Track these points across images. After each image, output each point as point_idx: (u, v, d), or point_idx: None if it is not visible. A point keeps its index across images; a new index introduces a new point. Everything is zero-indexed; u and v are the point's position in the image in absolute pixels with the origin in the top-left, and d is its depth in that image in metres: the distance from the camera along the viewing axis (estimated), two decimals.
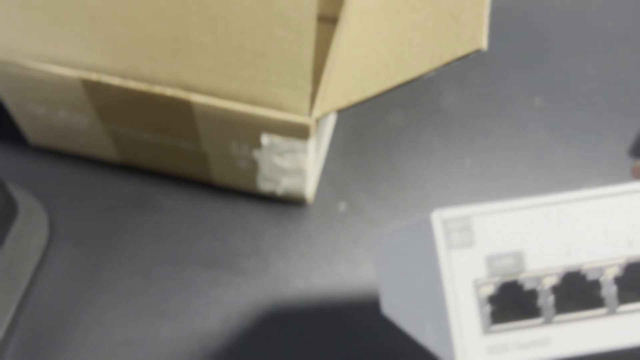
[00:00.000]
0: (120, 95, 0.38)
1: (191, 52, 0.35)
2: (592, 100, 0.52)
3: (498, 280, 0.17)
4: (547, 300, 0.17)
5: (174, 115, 0.39)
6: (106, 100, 0.39)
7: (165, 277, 0.42)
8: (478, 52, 0.32)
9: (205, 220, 0.44)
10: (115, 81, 0.37)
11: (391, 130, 0.49)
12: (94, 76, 0.37)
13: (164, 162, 0.45)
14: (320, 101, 0.37)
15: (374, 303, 0.42)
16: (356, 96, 0.35)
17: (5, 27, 0.37)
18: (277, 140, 0.38)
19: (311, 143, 0.38)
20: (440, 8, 0.36)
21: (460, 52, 0.32)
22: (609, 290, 0.17)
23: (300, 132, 0.37)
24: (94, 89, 0.38)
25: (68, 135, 0.44)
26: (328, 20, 0.43)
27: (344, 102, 0.36)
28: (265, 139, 0.38)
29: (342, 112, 0.49)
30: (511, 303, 0.17)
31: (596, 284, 0.17)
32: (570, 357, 0.17)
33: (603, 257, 0.17)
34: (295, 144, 0.38)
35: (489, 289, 0.17)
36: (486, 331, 0.17)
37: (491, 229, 0.17)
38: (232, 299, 0.41)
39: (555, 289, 0.17)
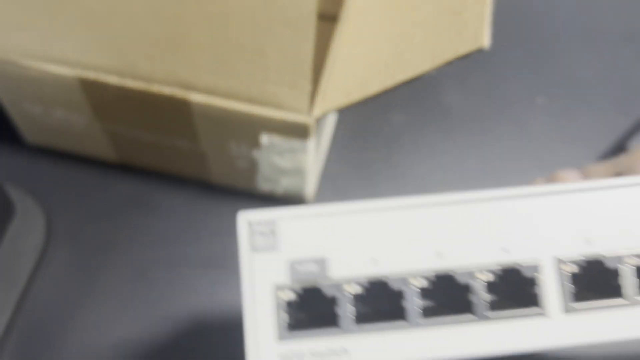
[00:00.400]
0: (118, 94, 0.38)
1: (189, 50, 0.35)
2: (594, 98, 0.52)
3: (299, 286, 0.17)
4: (346, 309, 0.16)
5: (172, 114, 0.38)
6: (103, 99, 0.39)
7: (163, 278, 0.42)
8: (480, 50, 0.31)
9: (203, 220, 0.44)
10: (113, 80, 0.37)
11: (392, 130, 0.49)
12: (91, 75, 0.37)
13: (162, 162, 0.45)
14: (321, 100, 0.37)
15: None
16: (357, 95, 0.35)
17: (1, 25, 0.36)
18: (277, 139, 0.38)
19: (311, 142, 0.38)
20: (442, 6, 0.35)
21: (462, 50, 0.32)
22: (413, 302, 0.16)
23: (300, 132, 0.37)
24: (91, 88, 0.38)
25: (65, 134, 0.44)
26: (328, 18, 0.43)
27: (344, 101, 0.35)
28: (264, 139, 0.38)
29: (342, 111, 0.49)
30: (310, 310, 0.17)
31: (400, 295, 0.16)
32: None
33: (409, 268, 0.16)
34: (295, 143, 0.38)
35: (289, 295, 0.17)
36: (282, 337, 0.16)
37: (296, 234, 0.17)
38: (232, 300, 0.41)
39: (358, 298, 0.17)
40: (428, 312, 0.17)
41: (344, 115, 0.49)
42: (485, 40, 0.31)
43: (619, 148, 0.47)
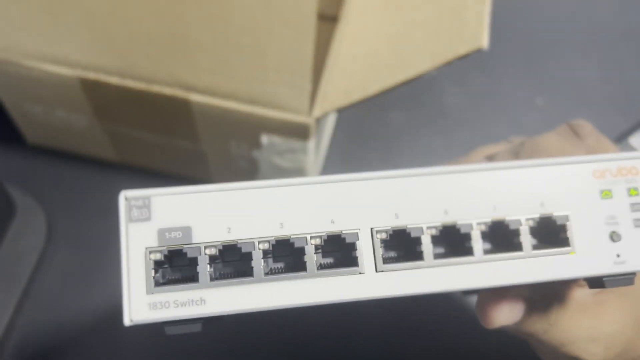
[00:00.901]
0: (118, 94, 0.38)
1: (190, 51, 0.35)
2: (593, 99, 0.52)
3: (165, 249, 0.20)
4: (204, 268, 0.20)
5: (172, 114, 0.38)
6: (104, 100, 0.39)
7: None
8: (479, 51, 0.31)
9: None
10: (113, 80, 0.37)
11: (392, 130, 0.49)
12: (91, 75, 0.37)
13: (162, 162, 0.45)
14: (321, 100, 0.37)
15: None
16: (357, 95, 0.35)
17: (2, 26, 0.36)
18: (277, 139, 0.38)
19: (311, 143, 0.38)
20: (441, 6, 0.35)
21: (462, 50, 0.32)
22: (258, 262, 0.20)
23: (300, 132, 0.37)
24: (91, 88, 0.38)
25: (66, 134, 0.44)
26: (328, 19, 0.43)
27: (344, 101, 0.35)
28: (264, 139, 0.38)
29: (342, 112, 0.49)
30: (175, 269, 0.21)
31: (249, 256, 0.20)
32: (225, 314, 0.20)
33: (256, 235, 0.21)
34: (295, 143, 0.38)
35: (157, 256, 0.20)
36: (149, 291, 0.20)
37: (166, 208, 0.21)
38: None
39: (214, 259, 0.21)
40: (272, 270, 0.21)
41: (343, 115, 0.49)
42: (484, 40, 0.31)
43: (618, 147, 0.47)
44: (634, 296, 0.26)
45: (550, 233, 0.22)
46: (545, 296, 0.25)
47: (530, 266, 0.22)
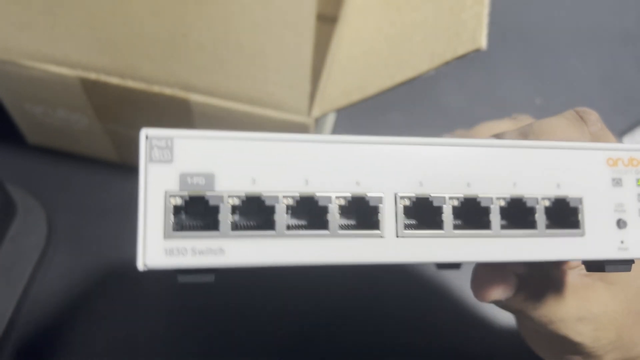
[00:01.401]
0: (119, 95, 0.38)
1: (190, 51, 0.35)
2: (592, 99, 0.52)
3: (187, 194, 0.19)
4: (226, 217, 0.20)
5: (172, 114, 0.38)
6: (104, 100, 0.39)
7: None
8: (478, 51, 0.31)
9: None
10: (114, 80, 0.37)
11: (391, 130, 0.49)
12: (92, 75, 0.37)
13: None
14: (320, 100, 0.37)
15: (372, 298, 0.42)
16: (356, 95, 0.35)
17: (3, 26, 0.36)
18: None
19: None
20: (440, 7, 0.35)
21: (461, 50, 0.32)
22: (281, 216, 0.20)
23: (299, 132, 0.37)
24: (92, 88, 0.38)
25: (66, 134, 0.44)
26: (328, 19, 0.43)
27: (343, 101, 0.36)
28: None
29: (341, 112, 0.49)
30: (196, 216, 0.20)
31: (272, 209, 0.20)
32: (243, 267, 0.20)
33: (281, 189, 0.20)
34: None
35: (177, 201, 0.19)
36: (167, 236, 0.19)
37: (190, 151, 0.20)
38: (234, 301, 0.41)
39: (237, 209, 0.20)
40: (292, 226, 0.20)
41: (343, 115, 0.49)
42: (482, 41, 0.31)
43: None
44: (623, 284, 0.27)
45: (564, 214, 0.22)
46: (537, 275, 0.26)
47: (542, 244, 0.22)
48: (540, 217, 0.22)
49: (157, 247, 0.19)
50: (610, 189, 0.23)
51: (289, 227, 0.20)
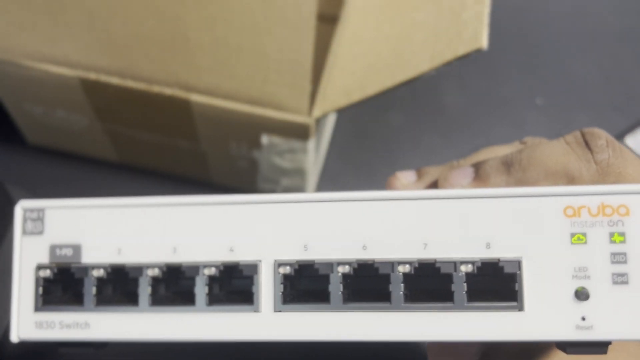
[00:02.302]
0: (119, 95, 0.38)
1: (190, 51, 0.35)
2: (592, 99, 0.52)
3: (55, 266, 0.19)
4: (90, 290, 0.19)
5: (172, 114, 0.39)
6: (104, 100, 0.39)
7: None
8: (478, 51, 0.31)
9: None
10: (114, 80, 0.37)
11: (392, 130, 0.49)
12: (92, 75, 0.37)
13: (162, 162, 0.45)
14: (320, 100, 0.37)
15: None
16: (357, 95, 0.35)
17: (3, 26, 0.36)
18: (277, 140, 0.38)
19: (311, 143, 0.38)
20: (441, 7, 0.36)
21: (462, 50, 0.32)
22: (145, 290, 0.19)
23: (300, 132, 0.37)
24: (92, 89, 0.38)
25: (66, 135, 0.44)
26: (328, 19, 0.43)
27: (344, 101, 0.36)
28: (264, 139, 0.38)
29: (342, 112, 0.49)
30: (64, 288, 0.20)
31: (135, 282, 0.19)
32: (109, 341, 0.19)
33: (145, 260, 0.19)
34: (295, 143, 0.38)
35: (47, 273, 0.19)
36: (37, 309, 0.19)
37: (60, 222, 0.20)
38: None
39: (101, 281, 0.19)
40: (157, 300, 0.19)
41: (343, 115, 0.49)
42: (483, 41, 0.31)
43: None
44: (616, 351, 0.20)
45: (496, 283, 0.18)
46: (508, 349, 0.21)
47: (463, 321, 0.18)
48: (458, 287, 0.18)
49: (29, 320, 0.20)
50: (569, 248, 0.18)
51: (156, 302, 0.19)
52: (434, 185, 0.22)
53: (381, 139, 0.49)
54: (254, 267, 0.19)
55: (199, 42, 0.35)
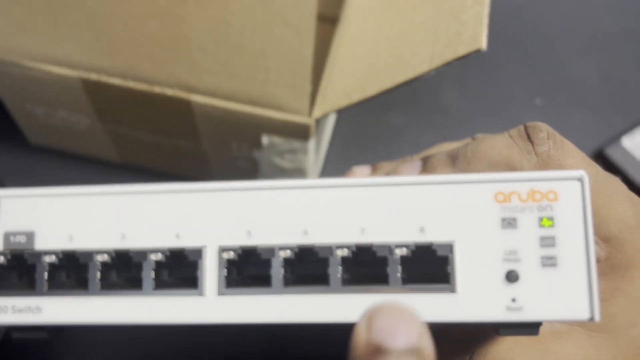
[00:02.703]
0: (120, 95, 0.38)
1: (191, 52, 0.35)
2: (592, 99, 0.52)
3: (9, 253, 0.20)
4: (42, 275, 0.20)
5: (173, 115, 0.39)
6: (106, 101, 0.39)
7: None
8: (478, 52, 0.32)
9: None
10: (115, 81, 0.37)
11: (391, 130, 0.49)
12: (93, 76, 0.37)
13: (164, 163, 0.45)
14: (321, 101, 0.37)
15: None
16: (356, 96, 0.35)
17: (4, 27, 0.37)
18: (277, 140, 0.38)
19: (311, 143, 0.38)
20: (440, 7, 0.36)
21: (461, 51, 0.32)
22: (94, 274, 0.20)
23: (300, 132, 0.37)
24: (93, 89, 0.38)
25: (68, 135, 0.44)
26: (328, 20, 0.43)
27: (344, 102, 0.36)
28: (265, 139, 0.39)
29: (342, 112, 0.49)
30: (16, 274, 0.21)
31: (85, 267, 0.20)
32: (60, 325, 0.20)
33: (95, 246, 0.20)
34: (295, 144, 0.38)
35: (0, 260, 0.20)
36: None
37: (15, 210, 0.20)
38: None
39: (53, 267, 0.20)
40: (107, 285, 0.20)
41: (343, 116, 0.50)
42: (483, 41, 0.32)
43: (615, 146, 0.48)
44: (613, 333, 0.20)
45: (425, 265, 0.19)
46: (451, 334, 0.21)
47: (399, 302, 0.18)
48: (392, 269, 0.18)
49: None
50: (499, 232, 0.18)
51: (105, 285, 0.20)
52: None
53: (381, 139, 0.49)
54: (198, 252, 0.19)
55: (200, 43, 0.35)
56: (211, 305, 0.19)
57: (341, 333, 0.19)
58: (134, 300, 0.20)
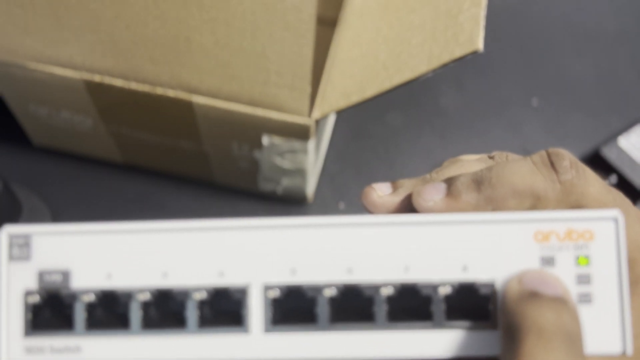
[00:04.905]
0: (123, 97, 0.38)
1: (192, 54, 0.35)
2: (589, 100, 0.52)
3: (44, 292, 0.20)
4: (80, 314, 0.20)
5: (175, 116, 0.39)
6: (108, 102, 0.39)
7: None
8: (475, 53, 0.32)
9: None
10: (118, 82, 0.38)
11: (390, 131, 0.50)
12: (96, 77, 0.38)
13: (166, 163, 0.45)
14: (320, 102, 0.37)
15: None
16: (355, 97, 0.36)
17: (8, 29, 0.37)
18: (278, 140, 0.39)
19: (311, 143, 0.39)
20: (438, 10, 0.36)
21: (458, 53, 0.32)
22: (136, 314, 0.19)
23: (300, 133, 0.38)
24: (96, 90, 0.39)
25: (71, 136, 0.45)
26: (327, 22, 0.43)
27: (343, 103, 0.36)
28: (265, 140, 0.39)
29: (341, 113, 0.49)
30: (53, 313, 0.20)
31: (126, 306, 0.20)
32: None
33: (136, 285, 0.20)
34: (295, 144, 0.39)
35: (35, 299, 0.20)
36: (27, 334, 0.20)
37: (46, 248, 0.20)
38: None
39: (92, 306, 0.20)
40: (148, 323, 0.20)
41: (342, 117, 0.50)
42: (479, 43, 0.32)
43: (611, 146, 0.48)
44: None
45: (471, 303, 0.19)
46: None
47: (441, 339, 0.19)
48: (437, 307, 0.19)
49: (18, 345, 0.20)
50: None
51: (147, 324, 0.20)
52: (408, 198, 0.23)
53: (380, 139, 0.49)
54: (243, 291, 0.19)
55: (202, 44, 0.35)
56: (257, 343, 0.19)
57: None
58: (177, 339, 0.20)
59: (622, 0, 0.58)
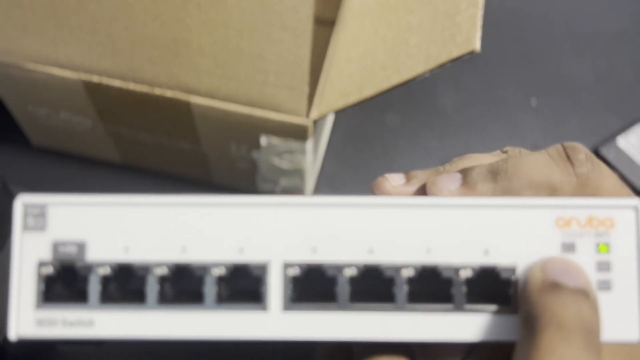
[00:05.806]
0: (121, 97, 0.38)
1: (190, 54, 0.36)
2: (587, 100, 0.52)
3: (59, 264, 0.19)
4: (95, 287, 0.19)
5: (173, 116, 0.39)
6: (107, 102, 0.40)
7: None
8: (472, 53, 0.32)
9: None
10: (116, 83, 0.38)
11: (388, 131, 0.50)
12: (95, 78, 0.38)
13: (164, 163, 0.45)
14: (318, 102, 0.37)
15: None
16: (353, 97, 0.36)
17: (7, 30, 0.37)
18: (276, 141, 0.39)
19: (309, 144, 0.39)
20: (436, 10, 0.36)
21: (456, 53, 0.33)
22: (153, 287, 0.19)
23: (298, 133, 0.38)
24: (95, 91, 0.39)
25: (70, 136, 0.45)
26: (325, 22, 0.43)
27: (341, 103, 0.36)
28: (263, 140, 0.39)
29: (339, 113, 0.49)
30: (67, 285, 0.20)
31: (143, 280, 0.19)
32: (114, 339, 0.19)
33: (153, 259, 0.19)
34: (294, 144, 0.39)
35: (49, 270, 0.19)
36: (38, 306, 0.19)
37: (64, 218, 0.19)
38: None
39: (107, 279, 0.19)
40: (165, 298, 0.19)
41: (341, 117, 0.50)
42: (476, 43, 0.32)
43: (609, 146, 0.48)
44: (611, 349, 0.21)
45: (491, 287, 0.19)
46: (485, 353, 0.22)
47: (460, 322, 0.19)
48: (458, 290, 0.19)
49: (29, 318, 0.19)
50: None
51: (163, 300, 0.19)
52: (422, 188, 0.23)
53: (378, 139, 0.49)
54: (263, 268, 0.19)
55: (200, 45, 0.35)
56: (276, 321, 0.19)
57: None
58: (194, 315, 0.19)
59: (621, 1, 0.58)
